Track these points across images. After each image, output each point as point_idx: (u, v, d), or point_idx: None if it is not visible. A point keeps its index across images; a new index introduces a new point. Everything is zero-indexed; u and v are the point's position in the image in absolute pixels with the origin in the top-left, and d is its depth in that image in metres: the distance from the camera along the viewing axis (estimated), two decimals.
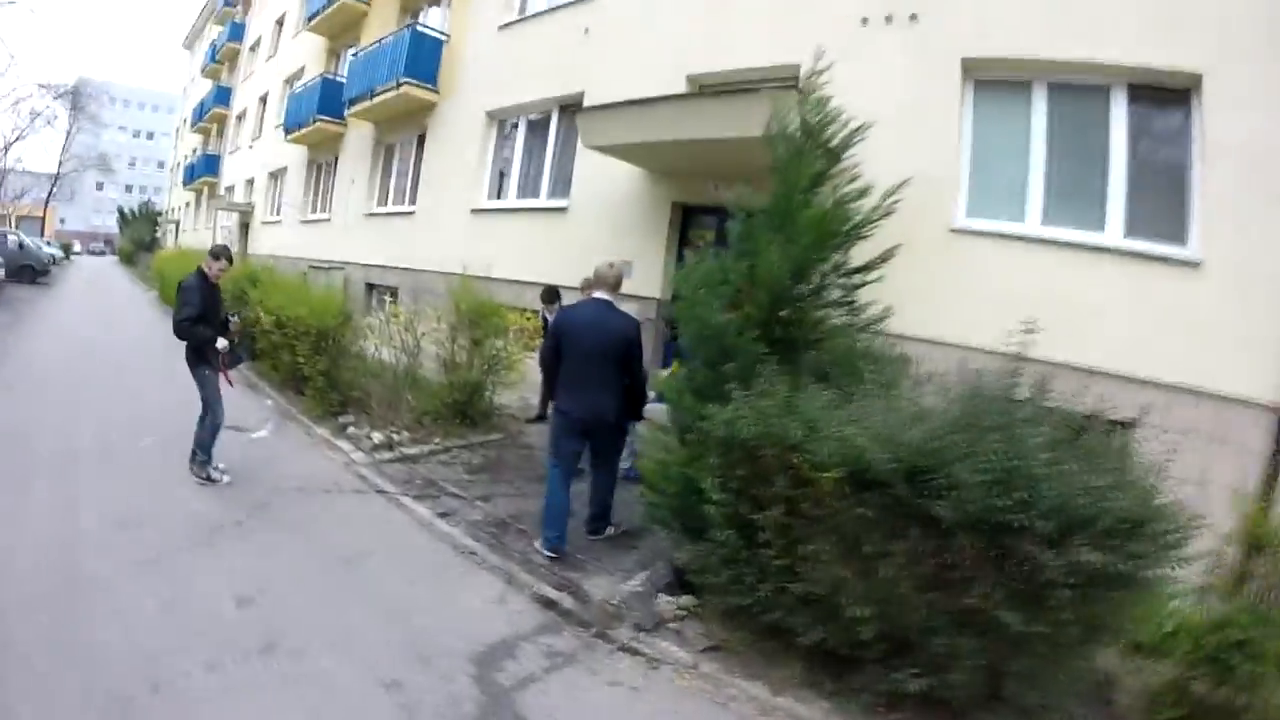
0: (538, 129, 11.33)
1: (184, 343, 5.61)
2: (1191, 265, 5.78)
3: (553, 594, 4.56)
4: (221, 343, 5.65)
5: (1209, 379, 5.53)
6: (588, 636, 4.21)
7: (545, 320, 8.39)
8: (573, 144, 10.54)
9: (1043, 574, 3.05)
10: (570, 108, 10.63)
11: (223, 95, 30.53)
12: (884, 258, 4.78)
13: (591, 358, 4.92)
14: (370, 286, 14.10)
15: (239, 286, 10.01)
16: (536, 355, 8.40)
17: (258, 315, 8.82)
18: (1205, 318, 5.65)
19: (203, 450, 5.69)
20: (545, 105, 11.04)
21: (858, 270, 4.71)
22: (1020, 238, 6.52)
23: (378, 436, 6.86)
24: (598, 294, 5.12)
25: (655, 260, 9.23)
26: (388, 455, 6.73)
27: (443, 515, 5.55)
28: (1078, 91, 6.49)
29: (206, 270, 5.71)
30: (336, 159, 16.91)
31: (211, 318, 5.68)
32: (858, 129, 4.92)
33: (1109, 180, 6.31)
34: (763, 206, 4.70)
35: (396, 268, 13.24)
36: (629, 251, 9.42)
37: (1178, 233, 5.98)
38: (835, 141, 4.81)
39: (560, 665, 3.87)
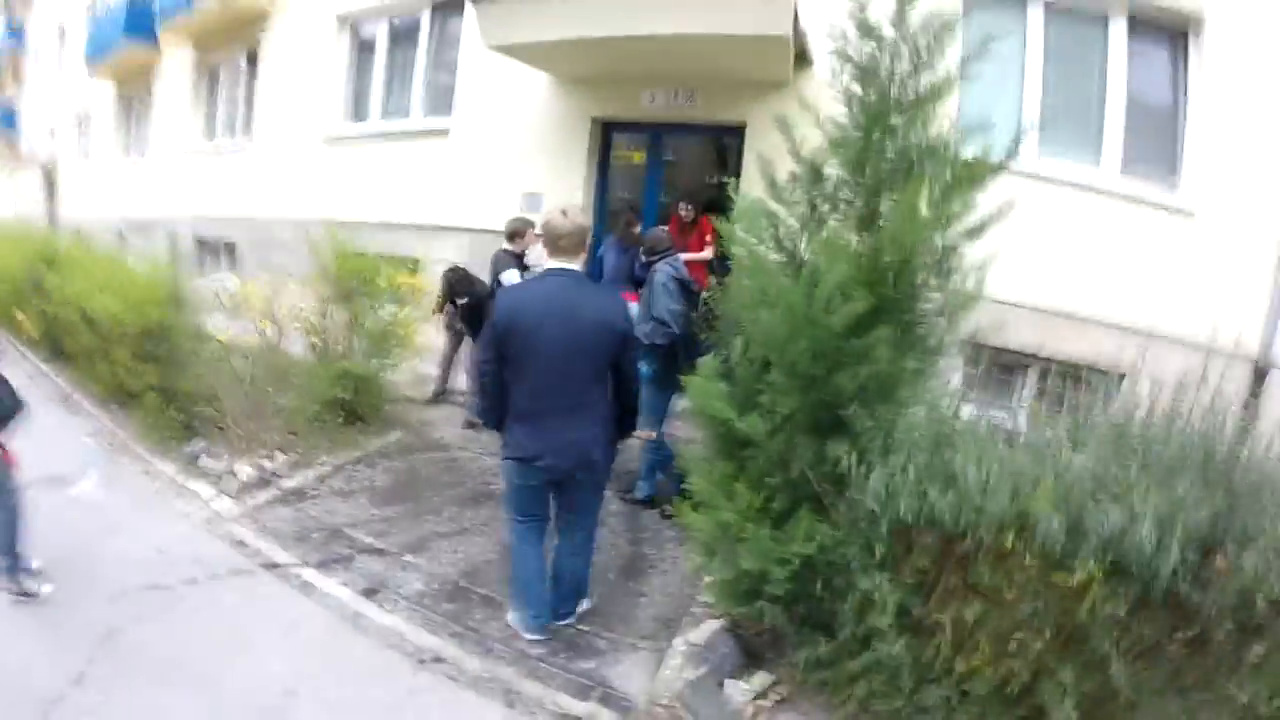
0: (405, 34, 9.01)
1: None
2: (1184, 213, 5.78)
3: (579, 708, 3.11)
4: None
5: (1192, 329, 5.20)
6: None
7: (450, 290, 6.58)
8: (451, 51, 8.49)
9: None
10: (447, 6, 8.52)
11: (14, 33, 24.60)
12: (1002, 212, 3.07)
13: (565, 367, 3.12)
14: (202, 242, 11.40)
15: (34, 271, 7.36)
16: (439, 321, 6.82)
17: (57, 312, 6.55)
18: (1193, 266, 5.70)
19: (5, 554, 3.62)
20: (414, 4, 8.73)
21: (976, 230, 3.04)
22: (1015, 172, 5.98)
23: (245, 470, 4.94)
24: (557, 262, 3.20)
25: (571, 190, 7.51)
26: (264, 496, 4.83)
27: (370, 593, 3.83)
28: (1075, 17, 6.10)
29: None
30: (151, 91, 13.44)
31: None
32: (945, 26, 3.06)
33: (1106, 115, 6.04)
34: (844, 141, 3.15)
35: (233, 217, 10.62)
36: (536, 180, 7.71)
37: (1168, 176, 5.95)
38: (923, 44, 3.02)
39: None
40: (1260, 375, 5.55)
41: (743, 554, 2.97)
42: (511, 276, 5.82)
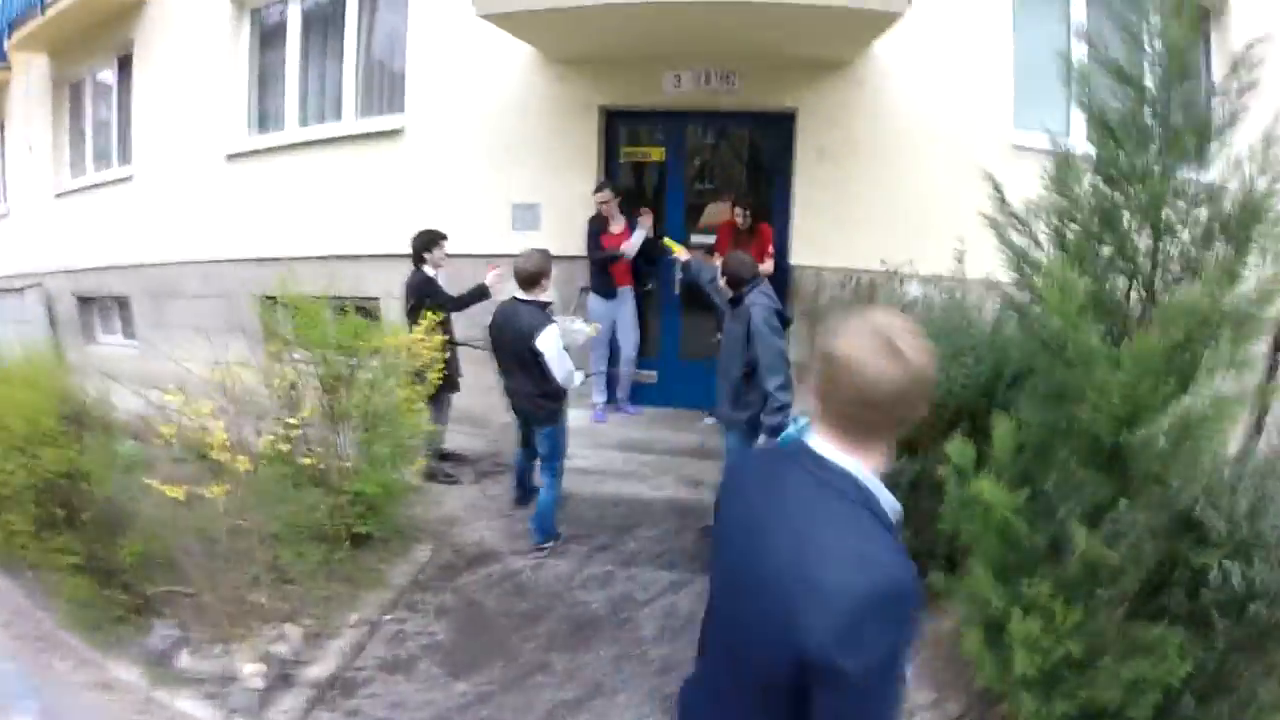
0: (325, 16, 7.10)
1: None
2: None
3: None
4: None
5: None
6: None
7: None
8: (393, 33, 6.74)
9: None
10: None
11: None
12: None
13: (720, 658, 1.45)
14: (84, 301, 9.12)
15: None
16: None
17: None
18: None
19: None
20: None
21: None
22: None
23: (251, 667, 3.37)
24: (819, 433, 1.32)
25: (578, 198, 6.04)
26: (293, 702, 3.27)
27: None
28: None
29: None
30: (1, 121, 10.61)
31: None
32: None
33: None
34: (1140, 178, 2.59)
35: (121, 265, 8.37)
36: (528, 189, 6.21)
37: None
38: None
39: None
40: None
41: (1100, 683, 2.47)
42: (552, 339, 4.26)
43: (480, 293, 5.16)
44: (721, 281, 4.27)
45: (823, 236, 5.74)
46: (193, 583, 3.60)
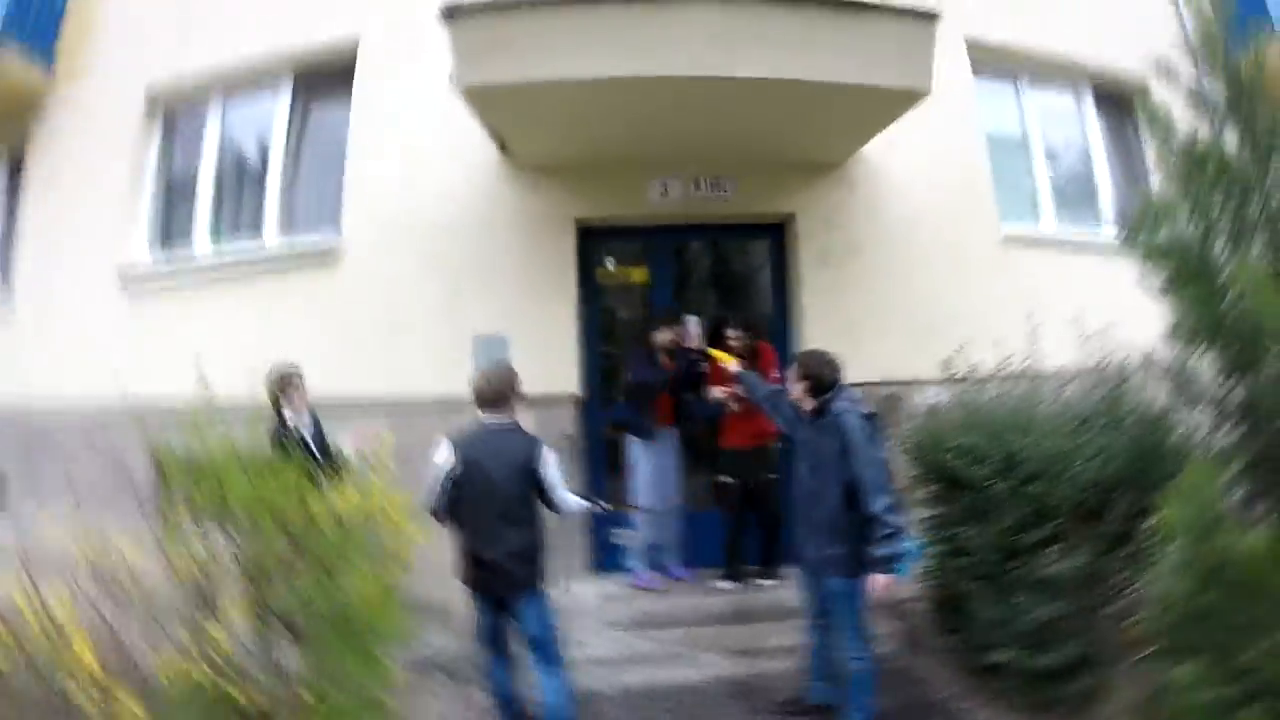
0: (249, 120, 6.08)
1: None
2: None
3: None
4: None
5: None
6: None
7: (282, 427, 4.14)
8: (328, 141, 5.77)
9: None
10: (316, 75, 5.79)
11: None
12: None
13: None
14: None
15: None
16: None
17: None
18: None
19: None
20: (267, 71, 5.78)
21: None
22: (1041, 241, 5.85)
23: None
24: None
25: (554, 329, 5.16)
26: None
27: None
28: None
29: None
30: None
31: None
32: None
33: (1095, 177, 6.13)
34: None
35: None
36: (495, 317, 5.21)
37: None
38: None
39: None
40: None
41: None
42: (555, 463, 3.43)
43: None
44: (799, 390, 3.45)
45: (835, 347, 5.07)
46: None
